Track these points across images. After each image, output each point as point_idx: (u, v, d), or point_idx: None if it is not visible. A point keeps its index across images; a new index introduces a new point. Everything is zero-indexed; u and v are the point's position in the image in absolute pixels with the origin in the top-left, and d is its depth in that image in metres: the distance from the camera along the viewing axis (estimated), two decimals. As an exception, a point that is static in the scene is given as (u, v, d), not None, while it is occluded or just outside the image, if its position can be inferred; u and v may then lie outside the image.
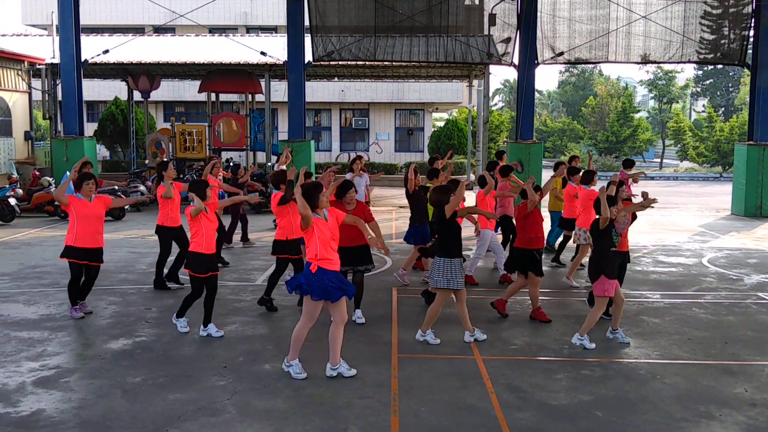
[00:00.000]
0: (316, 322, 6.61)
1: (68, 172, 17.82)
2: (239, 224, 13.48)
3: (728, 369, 6.96)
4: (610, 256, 7.44)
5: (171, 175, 9.86)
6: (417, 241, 10.40)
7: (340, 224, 6.64)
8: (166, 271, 10.18)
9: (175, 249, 10.05)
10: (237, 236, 13.67)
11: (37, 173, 19.74)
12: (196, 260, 7.63)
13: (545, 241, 12.68)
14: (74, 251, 8.54)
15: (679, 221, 18.17)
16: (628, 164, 14.72)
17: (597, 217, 7.52)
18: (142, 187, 19.45)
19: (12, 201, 16.92)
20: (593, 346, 7.53)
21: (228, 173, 14.67)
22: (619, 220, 7.54)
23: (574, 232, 10.75)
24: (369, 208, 8.48)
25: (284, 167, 16.46)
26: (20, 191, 17.99)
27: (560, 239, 12.27)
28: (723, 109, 55.90)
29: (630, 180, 13.56)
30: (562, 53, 19.73)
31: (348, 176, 12.65)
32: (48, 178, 18.81)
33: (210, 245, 7.67)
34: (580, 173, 10.95)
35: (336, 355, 6.56)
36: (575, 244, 10.73)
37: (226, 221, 12.74)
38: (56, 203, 17.72)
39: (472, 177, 24.26)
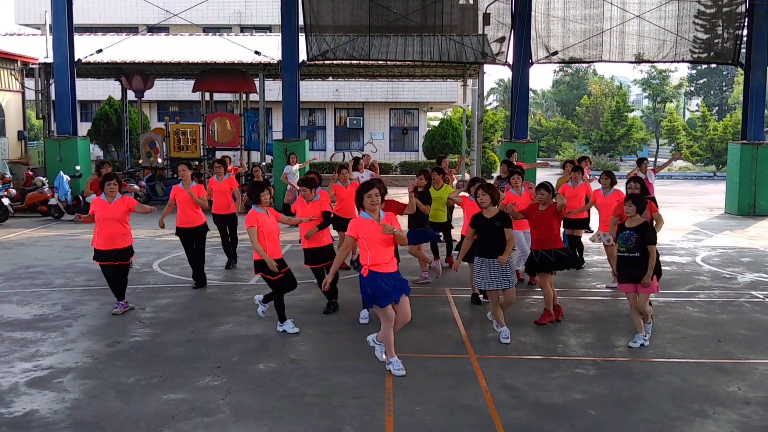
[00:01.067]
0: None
1: (62, 172, 17.85)
2: None
3: (722, 367, 6.98)
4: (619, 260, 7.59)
5: (185, 175, 9.96)
6: (414, 241, 10.42)
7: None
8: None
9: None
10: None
11: (31, 173, 19.67)
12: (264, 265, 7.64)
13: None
14: (98, 254, 8.60)
15: (673, 220, 18.21)
16: (641, 162, 14.31)
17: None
18: (135, 187, 19.37)
19: (5, 201, 16.87)
20: (646, 343, 7.57)
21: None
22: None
23: (597, 234, 10.66)
24: (397, 203, 8.50)
25: (295, 168, 16.55)
26: (13, 191, 17.94)
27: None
28: (717, 108, 56.07)
29: (650, 177, 13.38)
30: (556, 52, 19.75)
31: (355, 175, 12.95)
32: (41, 178, 18.74)
33: (274, 250, 7.67)
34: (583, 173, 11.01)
35: (390, 349, 6.70)
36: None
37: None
38: (50, 203, 17.69)
39: (467, 176, 24.28)
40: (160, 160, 22.46)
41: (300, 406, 5.93)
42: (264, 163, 21.68)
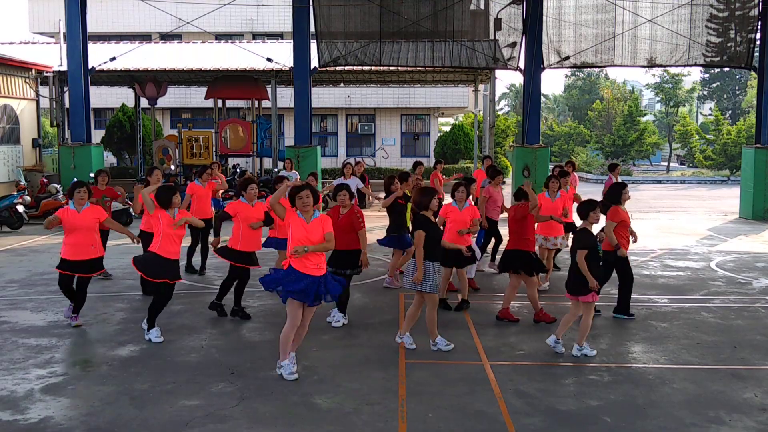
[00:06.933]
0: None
1: (76, 180, 17.96)
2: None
3: (737, 373, 6.92)
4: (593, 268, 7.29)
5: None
6: (394, 245, 10.40)
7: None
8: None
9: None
10: None
11: (45, 180, 19.83)
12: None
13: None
14: (63, 263, 8.24)
15: (687, 225, 18.10)
16: (614, 168, 13.94)
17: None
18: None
19: (20, 208, 16.98)
20: (594, 352, 7.44)
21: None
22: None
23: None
24: (361, 216, 8.28)
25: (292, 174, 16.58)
26: (28, 198, 18.07)
27: None
28: (730, 112, 55.78)
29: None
30: (568, 57, 19.71)
31: (336, 181, 13.18)
32: (56, 185, 18.87)
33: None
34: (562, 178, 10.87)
35: (284, 351, 6.71)
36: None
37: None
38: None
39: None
40: (173, 167, 22.58)
41: (313, 412, 5.93)
42: (276, 169, 21.77)
